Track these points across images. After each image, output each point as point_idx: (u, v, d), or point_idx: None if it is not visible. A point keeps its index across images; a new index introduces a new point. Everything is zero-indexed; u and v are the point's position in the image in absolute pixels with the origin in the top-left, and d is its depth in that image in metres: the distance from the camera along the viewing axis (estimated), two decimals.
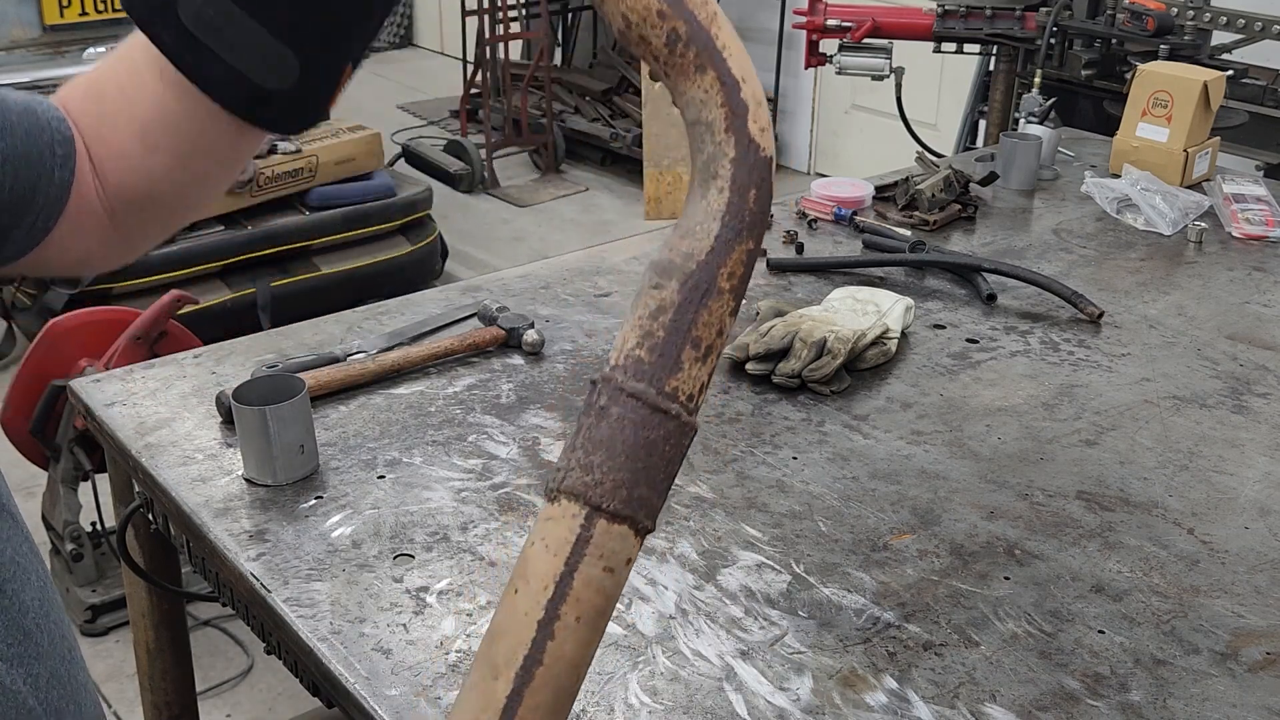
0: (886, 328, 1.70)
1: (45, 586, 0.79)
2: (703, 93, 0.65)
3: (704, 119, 0.64)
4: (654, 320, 0.61)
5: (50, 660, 0.77)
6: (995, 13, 3.28)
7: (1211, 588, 1.26)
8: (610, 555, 0.60)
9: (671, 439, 0.62)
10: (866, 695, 1.10)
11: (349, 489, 1.39)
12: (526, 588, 0.59)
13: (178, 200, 0.89)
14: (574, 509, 0.60)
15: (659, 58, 0.65)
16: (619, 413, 0.61)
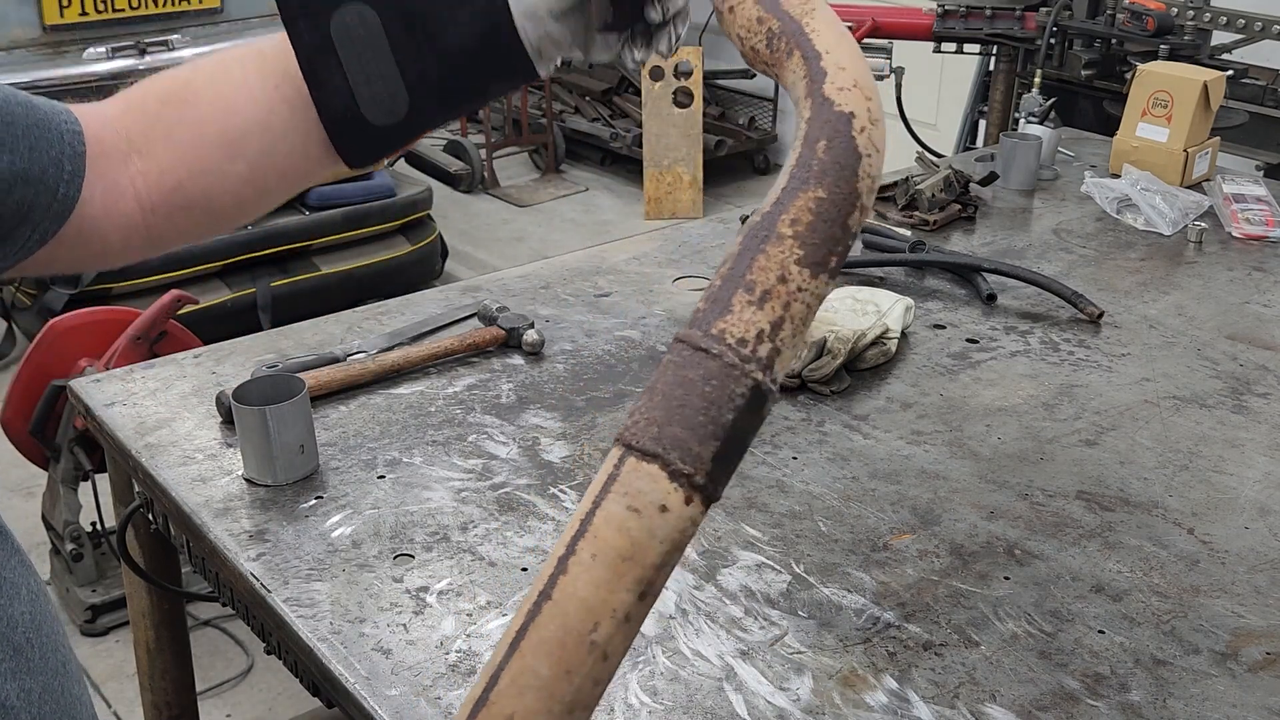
0: (886, 328, 1.70)
1: (37, 601, 0.79)
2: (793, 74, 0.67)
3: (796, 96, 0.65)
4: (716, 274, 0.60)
5: (43, 675, 0.77)
6: (995, 13, 3.28)
7: (1211, 588, 1.26)
8: (636, 495, 0.57)
9: (713, 379, 0.59)
10: (866, 695, 1.10)
11: (349, 489, 1.39)
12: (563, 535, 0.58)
13: (230, 209, 0.92)
14: (614, 452, 0.59)
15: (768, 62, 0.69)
16: (667, 359, 0.60)
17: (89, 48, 4.26)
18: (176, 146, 0.88)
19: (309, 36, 0.83)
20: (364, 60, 0.83)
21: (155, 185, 0.88)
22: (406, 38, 0.84)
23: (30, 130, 0.82)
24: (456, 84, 0.87)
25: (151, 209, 0.88)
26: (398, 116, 0.85)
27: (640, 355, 1.71)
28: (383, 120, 0.85)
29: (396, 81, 0.84)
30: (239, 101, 0.88)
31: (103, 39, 4.29)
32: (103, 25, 4.32)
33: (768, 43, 0.69)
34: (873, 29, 3.43)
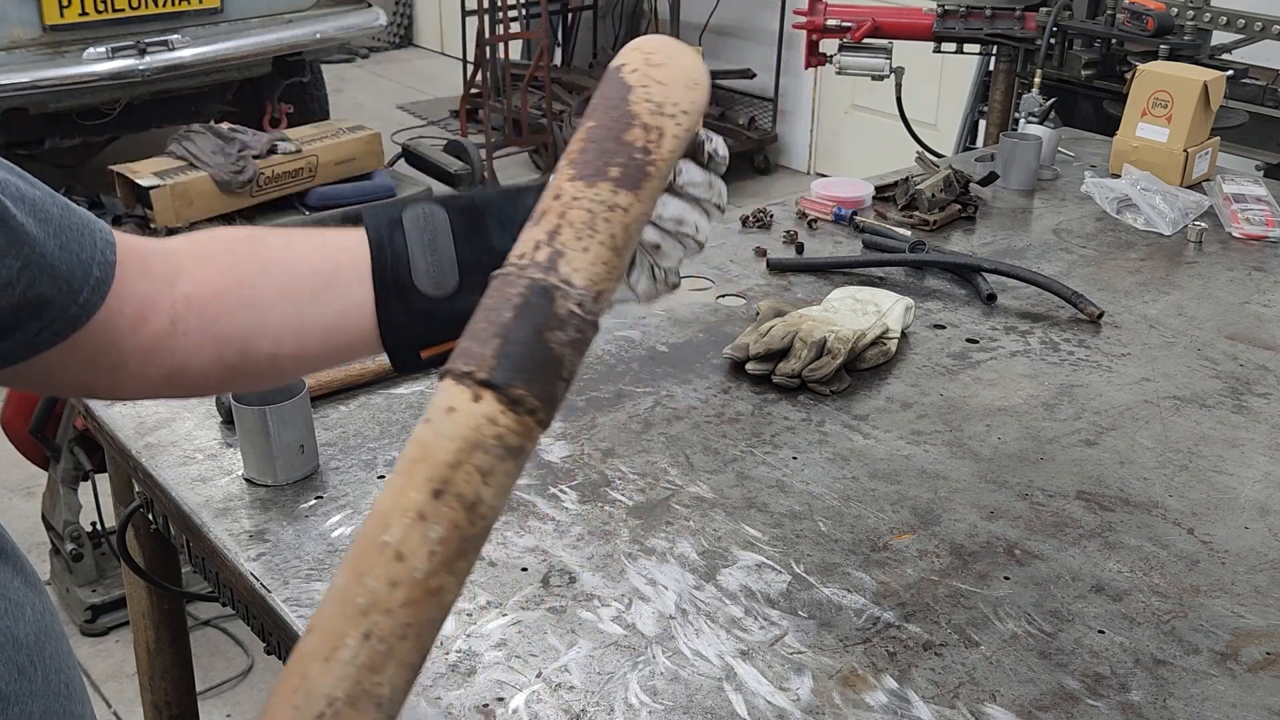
0: (886, 328, 1.70)
1: (42, 619, 0.79)
2: None
3: None
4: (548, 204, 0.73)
5: (44, 698, 0.76)
6: (995, 13, 3.28)
7: (1211, 588, 1.26)
8: (431, 409, 0.64)
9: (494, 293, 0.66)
10: (866, 695, 1.10)
11: (349, 489, 1.39)
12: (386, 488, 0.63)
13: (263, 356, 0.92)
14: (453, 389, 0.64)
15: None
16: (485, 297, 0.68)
17: (89, 48, 4.26)
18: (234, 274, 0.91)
19: (382, 219, 0.91)
20: (425, 238, 0.90)
21: (192, 307, 0.89)
22: (469, 230, 0.91)
23: (64, 230, 0.82)
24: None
25: (182, 333, 0.88)
26: (445, 291, 0.89)
27: (640, 355, 1.71)
28: (431, 290, 0.89)
29: (451, 261, 0.90)
30: (308, 251, 0.93)
31: (103, 39, 4.29)
32: (103, 25, 4.32)
33: None
34: (872, 29, 3.43)
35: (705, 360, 1.69)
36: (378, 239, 0.90)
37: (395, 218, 0.91)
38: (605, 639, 1.16)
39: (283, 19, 4.67)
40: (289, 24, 4.68)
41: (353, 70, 8.05)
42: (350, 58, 8.21)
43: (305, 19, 4.74)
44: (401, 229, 0.90)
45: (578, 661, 1.13)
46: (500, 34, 5.90)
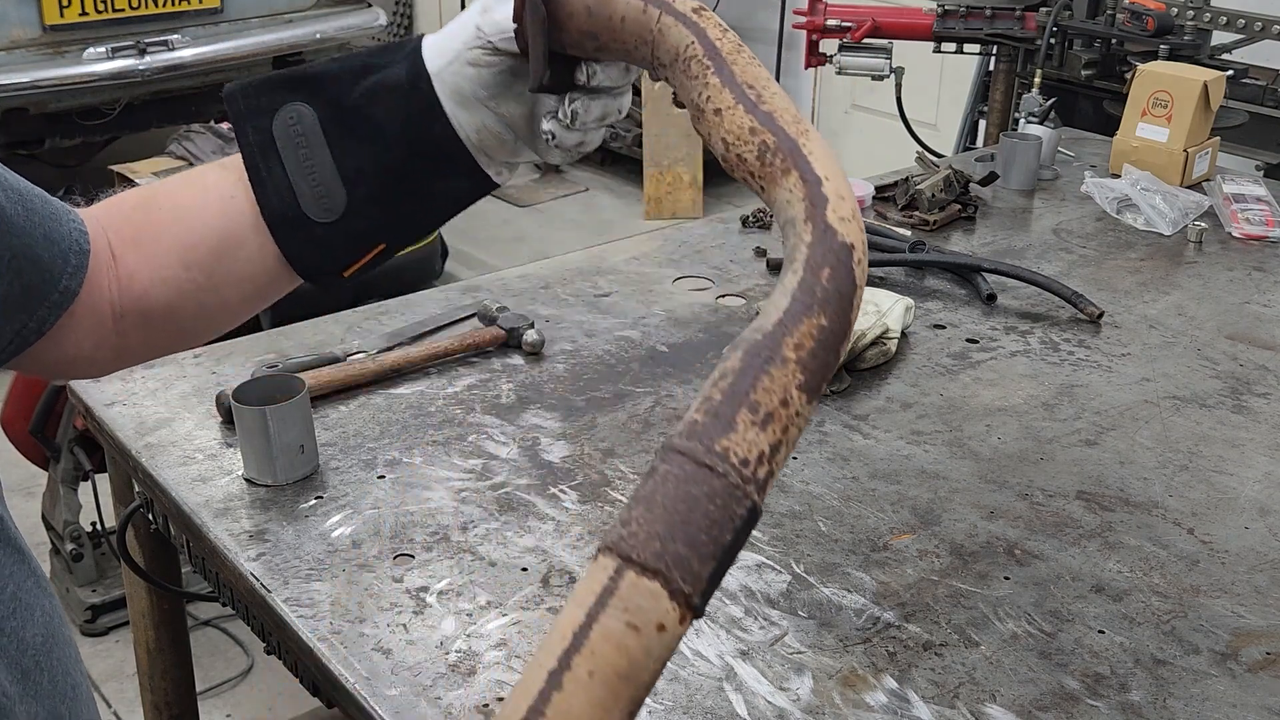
0: (886, 328, 1.70)
1: (51, 622, 0.78)
2: (787, 192, 0.68)
3: (789, 215, 0.67)
4: (714, 386, 0.60)
5: (50, 700, 0.76)
6: (995, 13, 3.28)
7: (1211, 588, 1.26)
8: (636, 611, 0.55)
9: (718, 498, 0.58)
10: (866, 695, 1.10)
11: (349, 489, 1.39)
12: (548, 640, 0.55)
13: (193, 320, 0.92)
14: (606, 562, 0.56)
15: (754, 173, 0.70)
16: (665, 469, 0.58)
17: (89, 48, 4.26)
18: (141, 251, 0.89)
19: (254, 136, 0.85)
20: (302, 156, 0.85)
21: (126, 292, 0.88)
22: (341, 132, 0.85)
23: (46, 220, 0.83)
24: (395, 180, 0.87)
25: (121, 315, 0.89)
26: (336, 213, 0.86)
27: (640, 355, 1.71)
28: (322, 217, 0.86)
29: (334, 176, 0.85)
30: (195, 209, 0.89)
31: (103, 39, 4.29)
32: (103, 25, 4.32)
33: (759, 155, 0.70)
34: (873, 29, 3.43)
35: (705, 360, 1.69)
36: (255, 173, 0.86)
37: (266, 134, 0.85)
38: None
39: (283, 19, 4.67)
40: (289, 24, 4.68)
41: None
42: None
43: (305, 19, 4.74)
44: (275, 151, 0.85)
45: None
46: None
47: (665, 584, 0.55)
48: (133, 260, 0.89)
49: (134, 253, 0.89)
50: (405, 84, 0.85)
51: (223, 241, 0.88)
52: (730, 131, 0.71)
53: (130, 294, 0.88)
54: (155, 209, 0.91)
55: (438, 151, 0.86)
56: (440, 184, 0.88)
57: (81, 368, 0.95)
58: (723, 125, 0.72)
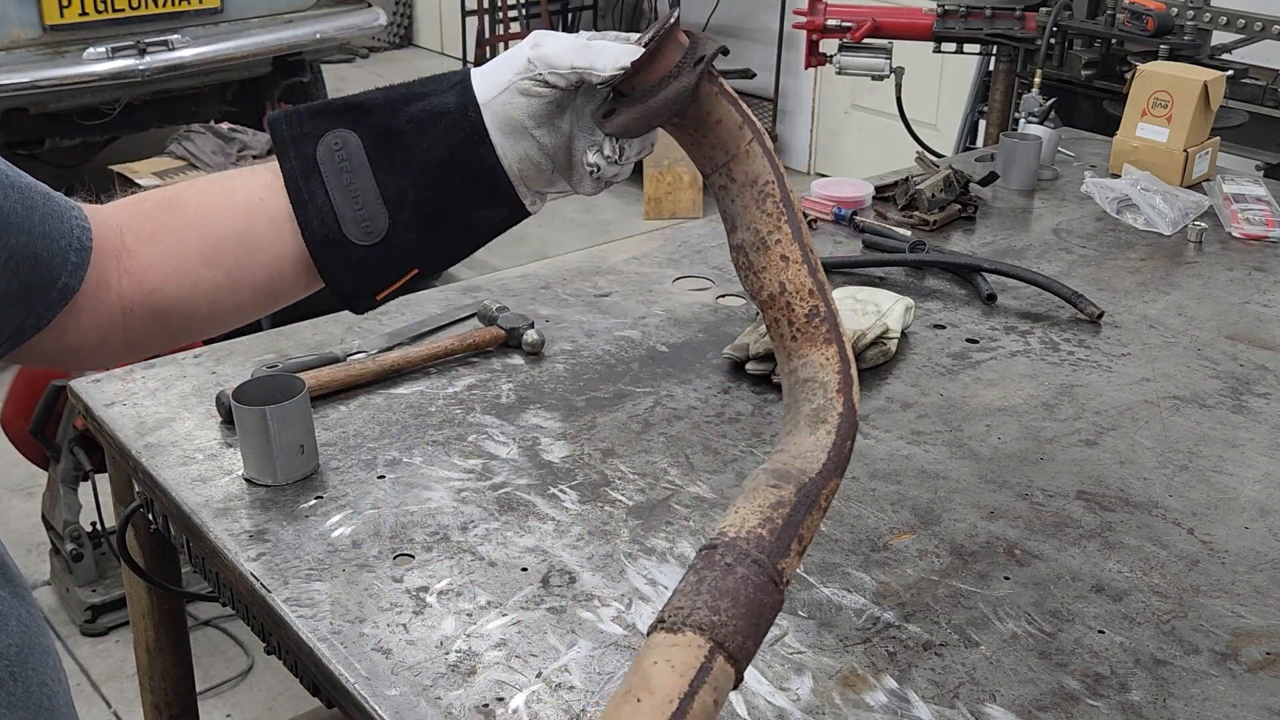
0: (886, 328, 1.70)
1: (27, 632, 0.78)
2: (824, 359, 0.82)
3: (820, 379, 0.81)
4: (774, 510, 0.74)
5: (24, 710, 0.76)
6: (995, 13, 3.28)
7: (1211, 588, 1.26)
8: (720, 689, 0.68)
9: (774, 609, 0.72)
10: (866, 695, 1.10)
11: (349, 489, 1.39)
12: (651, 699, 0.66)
13: (204, 317, 0.93)
14: (700, 641, 0.68)
15: (794, 323, 0.83)
16: (744, 574, 0.71)
17: (89, 48, 4.26)
18: (160, 246, 0.90)
19: (296, 161, 0.88)
20: (346, 180, 0.87)
21: (137, 286, 0.90)
22: (386, 157, 0.88)
23: (46, 218, 0.84)
24: (436, 205, 0.89)
25: (130, 309, 0.90)
26: (378, 236, 0.88)
27: (640, 355, 1.71)
28: (363, 240, 0.88)
29: (376, 200, 0.87)
30: (222, 211, 0.91)
31: (103, 39, 4.29)
32: (103, 25, 4.32)
33: (809, 315, 0.83)
34: (873, 29, 3.43)
35: (705, 360, 1.69)
36: (297, 194, 0.88)
37: (310, 159, 0.88)
38: (605, 639, 1.16)
39: (283, 19, 4.67)
40: (289, 24, 4.68)
41: (353, 70, 8.04)
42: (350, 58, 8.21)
43: (305, 19, 4.74)
44: (319, 174, 0.88)
45: (578, 661, 1.13)
46: (500, 34, 5.91)
47: (738, 669, 0.70)
48: (149, 256, 0.90)
49: (151, 249, 0.90)
50: (455, 111, 0.88)
51: (246, 243, 0.90)
52: (792, 282, 0.83)
53: (143, 289, 0.89)
54: (180, 207, 0.92)
55: (481, 180, 0.89)
56: (480, 211, 0.91)
57: (86, 359, 0.95)
58: (787, 272, 0.83)
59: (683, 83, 0.84)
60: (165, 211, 0.92)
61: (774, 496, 0.75)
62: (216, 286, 0.91)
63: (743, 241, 0.85)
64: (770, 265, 0.84)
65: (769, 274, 0.84)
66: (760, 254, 0.84)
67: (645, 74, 0.85)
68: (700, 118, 0.87)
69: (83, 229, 0.86)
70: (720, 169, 0.87)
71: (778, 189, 0.85)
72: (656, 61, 0.85)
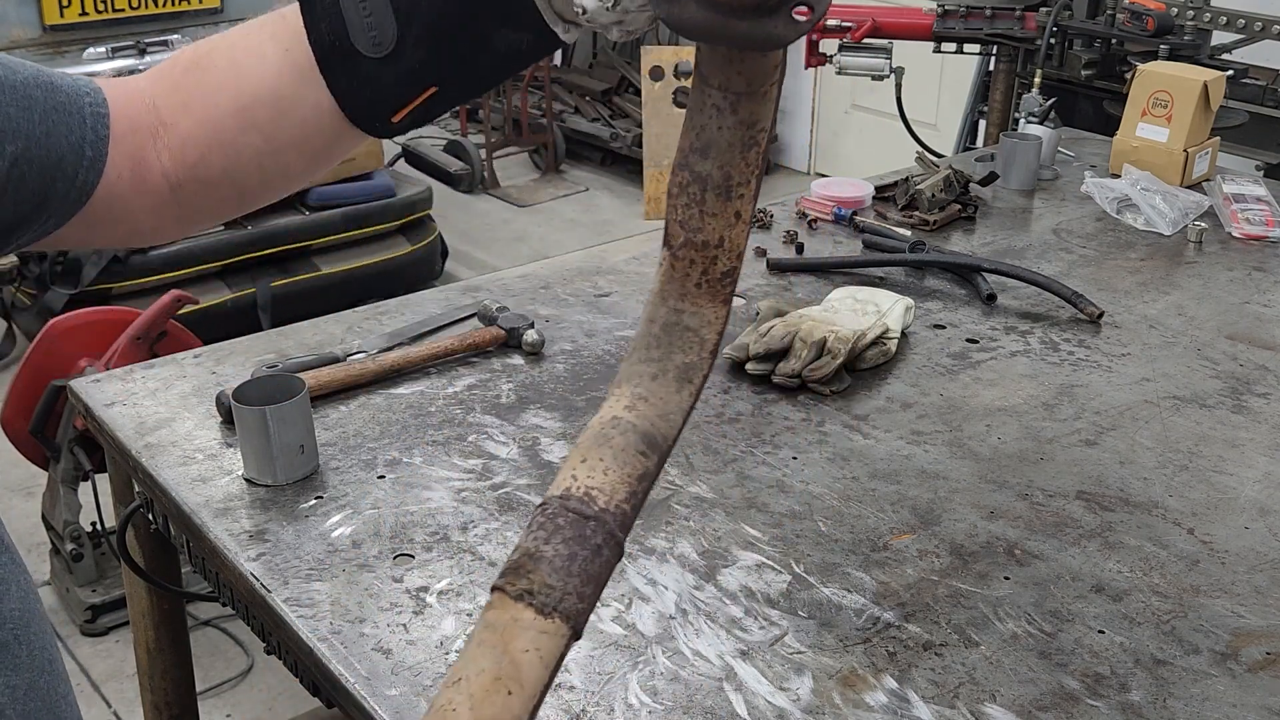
0: (886, 328, 1.70)
1: (27, 598, 0.79)
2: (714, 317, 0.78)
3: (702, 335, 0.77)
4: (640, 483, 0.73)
5: (29, 672, 0.77)
6: (995, 13, 3.28)
7: (1211, 588, 1.26)
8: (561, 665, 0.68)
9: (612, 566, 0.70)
10: (866, 695, 1.10)
11: (349, 489, 1.39)
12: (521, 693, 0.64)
13: (256, 185, 0.89)
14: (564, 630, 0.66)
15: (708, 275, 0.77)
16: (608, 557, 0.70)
17: (89, 48, 4.26)
18: (193, 116, 0.86)
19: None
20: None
21: (179, 160, 0.86)
22: None
23: (49, 114, 0.80)
24: (449, 20, 0.81)
25: (179, 185, 0.86)
26: (386, 48, 0.81)
27: None
28: (371, 51, 0.81)
29: (385, 7, 0.80)
30: (250, 67, 0.85)
31: (103, 39, 4.29)
32: (103, 25, 4.32)
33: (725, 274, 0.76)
34: (872, 29, 3.43)
35: None
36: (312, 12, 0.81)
37: None
38: (605, 639, 1.16)
39: None
40: None
41: None
42: None
43: None
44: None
45: (578, 661, 1.13)
46: None
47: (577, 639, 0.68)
48: (186, 126, 0.86)
49: (186, 119, 0.86)
50: None
51: (279, 100, 0.84)
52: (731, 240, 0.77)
53: (185, 162, 0.86)
54: (209, 70, 0.87)
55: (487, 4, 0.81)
56: (501, 33, 0.82)
57: (144, 236, 0.93)
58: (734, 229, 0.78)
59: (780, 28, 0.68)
60: (194, 76, 0.87)
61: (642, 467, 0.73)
62: (259, 151, 0.86)
63: (707, 174, 0.77)
64: (721, 214, 0.77)
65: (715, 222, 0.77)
66: (718, 199, 0.77)
67: None
68: None
69: (98, 116, 0.82)
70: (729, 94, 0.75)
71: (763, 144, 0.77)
72: None
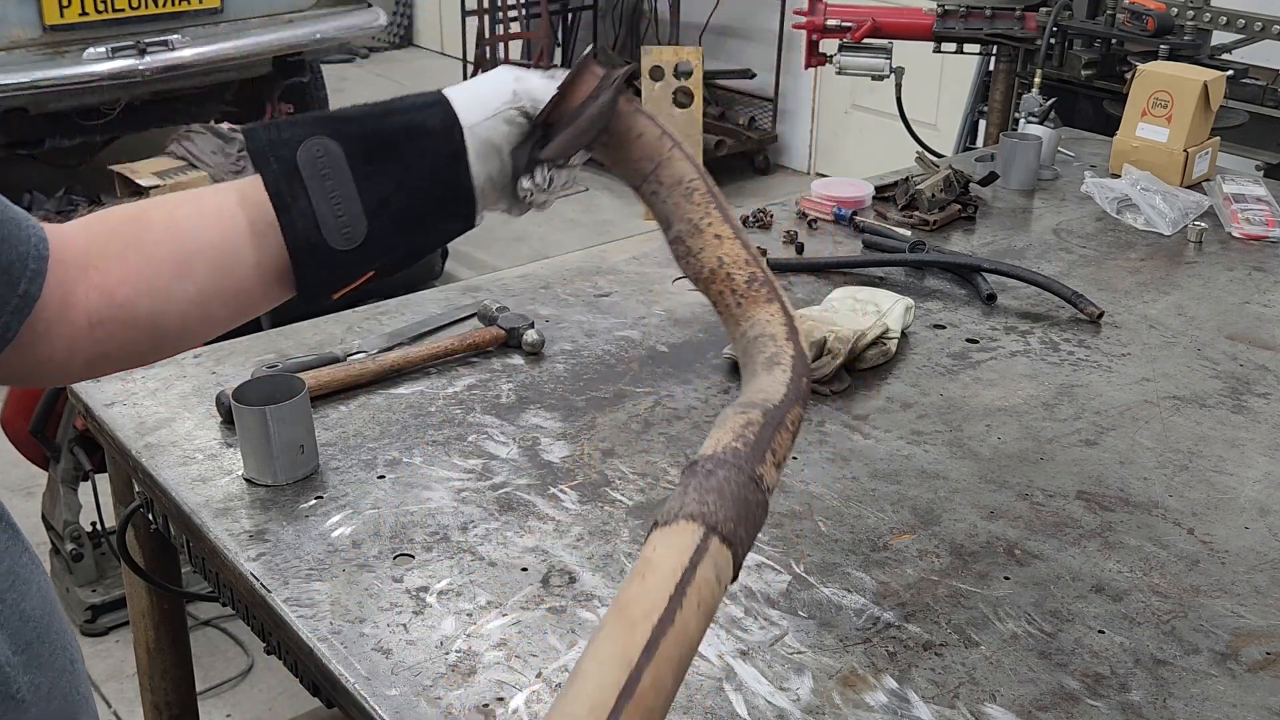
0: (886, 328, 1.70)
1: (46, 596, 0.80)
2: (769, 315, 0.91)
3: (768, 332, 0.90)
4: (745, 429, 0.81)
5: (51, 671, 0.78)
6: (995, 12, 3.28)
7: (1211, 588, 1.26)
8: (718, 567, 0.74)
9: (759, 507, 0.78)
10: (866, 695, 1.10)
11: (349, 489, 1.39)
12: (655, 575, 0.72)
13: (176, 331, 0.93)
14: (693, 526, 0.74)
15: (737, 290, 0.93)
16: (725, 475, 0.77)
17: (89, 48, 4.26)
18: (128, 264, 0.90)
19: (277, 165, 0.89)
20: (328, 186, 0.89)
21: (108, 298, 0.89)
22: (368, 166, 0.91)
23: (3, 225, 0.82)
24: (412, 215, 0.94)
25: (99, 322, 0.89)
26: (356, 242, 0.90)
27: (640, 355, 1.71)
28: (343, 245, 0.90)
29: (357, 206, 0.90)
30: (193, 225, 0.91)
31: (103, 39, 4.29)
32: (103, 25, 4.32)
33: (749, 280, 0.92)
34: (872, 29, 3.43)
35: (705, 360, 1.69)
36: (279, 199, 0.89)
37: (290, 165, 0.89)
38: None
39: (283, 19, 4.67)
40: (289, 24, 4.68)
41: (353, 70, 8.05)
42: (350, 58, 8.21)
43: (305, 19, 4.73)
44: (300, 179, 0.89)
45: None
46: (500, 34, 5.91)
47: (733, 554, 0.75)
48: (118, 271, 0.89)
49: (119, 265, 0.89)
50: (439, 130, 0.93)
51: (221, 255, 0.90)
52: (728, 254, 0.93)
53: (112, 303, 0.89)
54: (148, 225, 0.92)
55: (452, 194, 0.95)
56: (446, 225, 0.97)
57: (52, 374, 0.94)
58: (722, 247, 0.93)
59: (603, 99, 0.95)
60: (133, 228, 0.92)
61: (743, 419, 0.81)
62: (189, 300, 0.91)
63: (679, 233, 0.94)
64: (706, 245, 0.93)
65: (706, 252, 0.93)
66: (695, 237, 0.93)
67: (568, 102, 0.95)
68: (623, 134, 0.97)
69: (40, 239, 0.86)
70: (649, 177, 0.96)
71: (703, 183, 0.95)
72: (576, 89, 0.95)
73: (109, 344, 0.91)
